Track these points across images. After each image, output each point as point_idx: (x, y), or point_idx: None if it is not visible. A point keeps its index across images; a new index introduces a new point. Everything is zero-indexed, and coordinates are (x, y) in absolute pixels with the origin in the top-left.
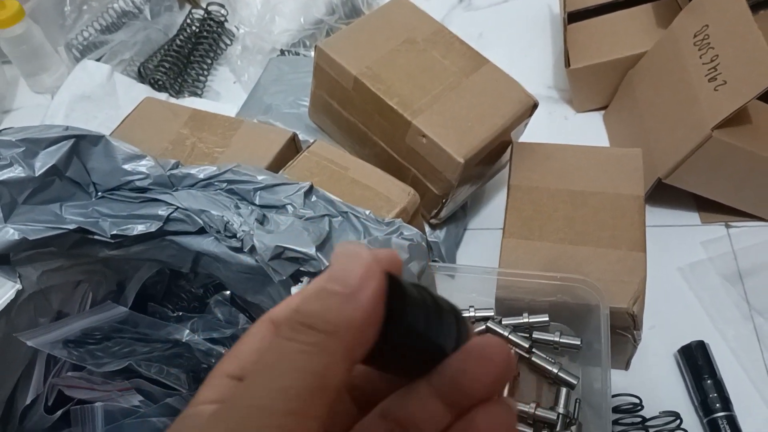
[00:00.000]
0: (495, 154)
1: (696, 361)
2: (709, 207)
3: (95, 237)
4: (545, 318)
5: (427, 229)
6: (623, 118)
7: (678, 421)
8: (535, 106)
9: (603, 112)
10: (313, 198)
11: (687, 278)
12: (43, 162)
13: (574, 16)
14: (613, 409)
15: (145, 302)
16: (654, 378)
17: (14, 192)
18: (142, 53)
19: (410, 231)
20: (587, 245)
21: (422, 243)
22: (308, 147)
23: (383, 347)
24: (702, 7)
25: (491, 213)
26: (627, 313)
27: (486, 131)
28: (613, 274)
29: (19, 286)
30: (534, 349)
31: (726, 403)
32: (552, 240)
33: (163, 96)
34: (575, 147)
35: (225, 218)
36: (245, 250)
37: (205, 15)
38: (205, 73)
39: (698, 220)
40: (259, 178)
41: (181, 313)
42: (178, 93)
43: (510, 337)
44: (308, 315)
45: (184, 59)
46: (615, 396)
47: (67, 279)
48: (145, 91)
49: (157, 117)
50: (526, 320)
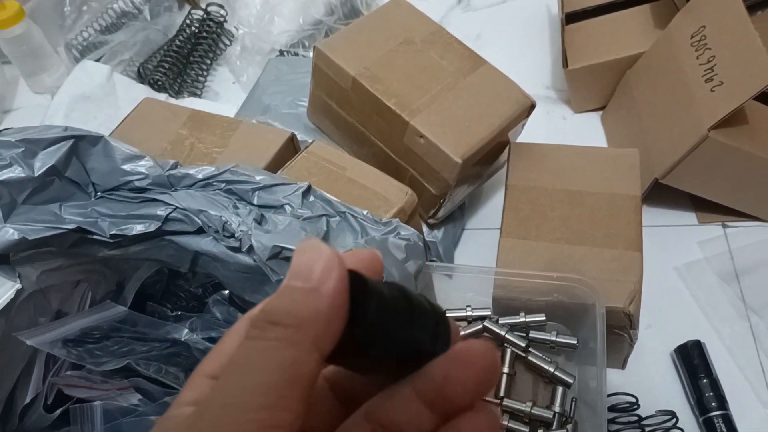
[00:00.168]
0: (493, 154)
1: (692, 360)
2: (706, 207)
3: (94, 237)
4: (542, 317)
5: (425, 228)
6: (621, 119)
7: (674, 420)
8: (532, 106)
9: (601, 112)
10: (311, 198)
11: (683, 278)
12: (42, 162)
13: (572, 17)
14: (609, 408)
15: (144, 302)
16: (650, 377)
17: (14, 192)
18: (141, 54)
19: (407, 231)
20: (584, 245)
21: (419, 243)
22: (306, 147)
23: (351, 343)
24: (699, 7)
25: (489, 213)
26: (623, 313)
27: (484, 131)
28: (609, 273)
29: (18, 286)
30: (530, 349)
31: (722, 402)
32: (549, 240)
33: (162, 96)
34: (573, 147)
35: (223, 218)
36: (243, 249)
37: (205, 15)
38: (205, 73)
39: (695, 220)
40: (258, 178)
41: (179, 313)
42: (177, 93)
43: (507, 336)
44: (273, 312)
45: (183, 60)
46: (611, 395)
47: (67, 278)
48: (144, 91)
49: (156, 117)
50: (522, 320)
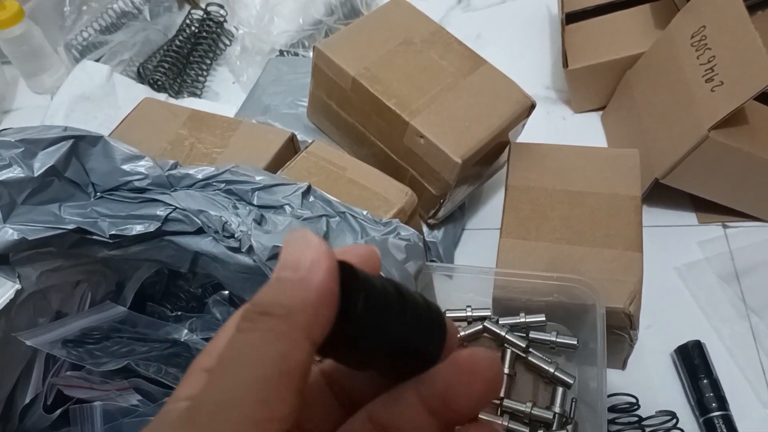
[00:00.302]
0: (493, 154)
1: (692, 360)
2: (706, 207)
3: (94, 237)
4: (542, 318)
5: (425, 229)
6: (621, 119)
7: (674, 421)
8: (532, 106)
9: (601, 112)
10: (311, 198)
11: (684, 278)
12: (42, 162)
13: (572, 17)
14: (610, 409)
15: (143, 302)
16: (650, 377)
17: (13, 192)
18: (141, 54)
19: (407, 231)
20: (584, 245)
21: (419, 243)
22: (306, 147)
23: (342, 334)
24: (699, 8)
25: (489, 213)
26: (623, 313)
27: (484, 132)
28: (609, 273)
29: (18, 286)
30: (530, 349)
31: (722, 403)
32: (549, 240)
33: (162, 96)
34: (573, 147)
35: (223, 218)
36: (243, 250)
37: (205, 15)
38: (204, 73)
39: (695, 221)
40: (258, 178)
41: (179, 313)
42: (177, 93)
43: (507, 336)
44: (262, 303)
45: (183, 60)
46: (611, 395)
47: (66, 279)
48: (144, 91)
49: (156, 117)
50: (522, 320)
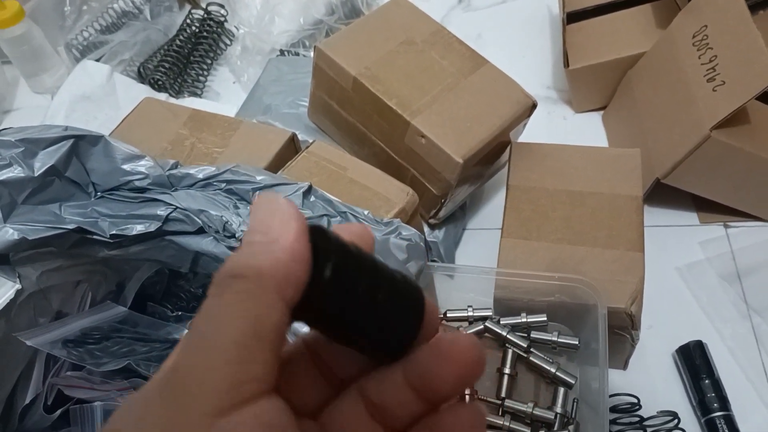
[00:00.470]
0: (494, 154)
1: (694, 360)
2: (708, 207)
3: (94, 237)
4: (543, 318)
5: (426, 229)
6: (622, 119)
7: (676, 421)
8: (533, 106)
9: (602, 112)
10: (312, 198)
11: (685, 278)
12: (42, 162)
13: (573, 17)
14: (611, 409)
15: (144, 302)
16: (652, 377)
17: (14, 192)
18: (141, 53)
19: (409, 231)
20: (585, 245)
21: (420, 243)
22: (307, 147)
23: (315, 296)
24: (701, 7)
25: (490, 213)
26: (625, 313)
27: (485, 131)
28: (611, 274)
29: (18, 286)
30: (532, 349)
31: (724, 403)
32: (550, 240)
33: (162, 96)
34: (574, 147)
35: (224, 218)
36: None
37: (205, 15)
38: (205, 73)
39: (697, 221)
40: (258, 178)
41: (180, 313)
42: (177, 93)
43: (508, 336)
44: (233, 268)
45: (183, 59)
46: (613, 395)
47: (67, 279)
48: (144, 91)
49: (157, 117)
50: (524, 320)
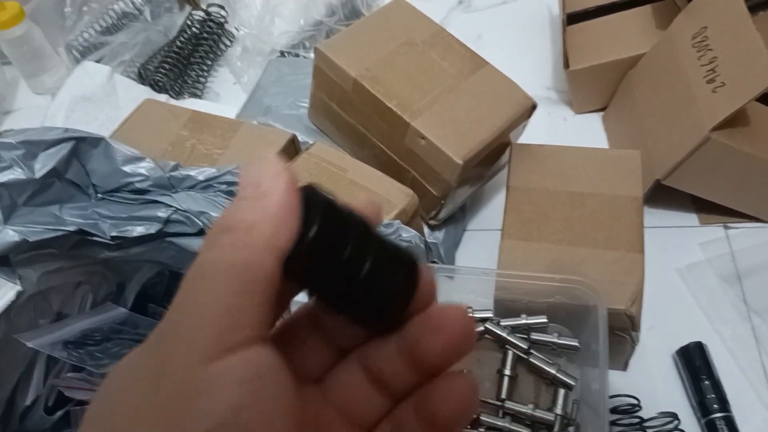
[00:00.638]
0: (494, 155)
1: (694, 361)
2: (708, 208)
3: (95, 238)
4: (543, 319)
5: (426, 230)
6: (622, 120)
7: (676, 422)
8: (533, 107)
9: (602, 113)
10: None
11: (685, 279)
12: (42, 164)
13: (573, 18)
14: (612, 410)
15: (145, 303)
16: (652, 379)
17: (14, 194)
18: (142, 54)
19: (409, 232)
20: (585, 246)
21: (420, 244)
22: (307, 148)
23: (304, 252)
24: (701, 8)
25: (490, 214)
26: (625, 314)
27: (485, 133)
28: (611, 275)
29: (19, 288)
30: (532, 350)
31: (724, 404)
32: (550, 241)
33: (163, 97)
34: (574, 148)
35: None
36: None
37: (205, 16)
38: (205, 74)
39: (697, 222)
40: None
41: None
42: (178, 94)
43: (508, 338)
44: (224, 222)
45: (184, 60)
46: (613, 397)
47: (67, 280)
48: (145, 92)
49: (157, 118)
50: (524, 321)
